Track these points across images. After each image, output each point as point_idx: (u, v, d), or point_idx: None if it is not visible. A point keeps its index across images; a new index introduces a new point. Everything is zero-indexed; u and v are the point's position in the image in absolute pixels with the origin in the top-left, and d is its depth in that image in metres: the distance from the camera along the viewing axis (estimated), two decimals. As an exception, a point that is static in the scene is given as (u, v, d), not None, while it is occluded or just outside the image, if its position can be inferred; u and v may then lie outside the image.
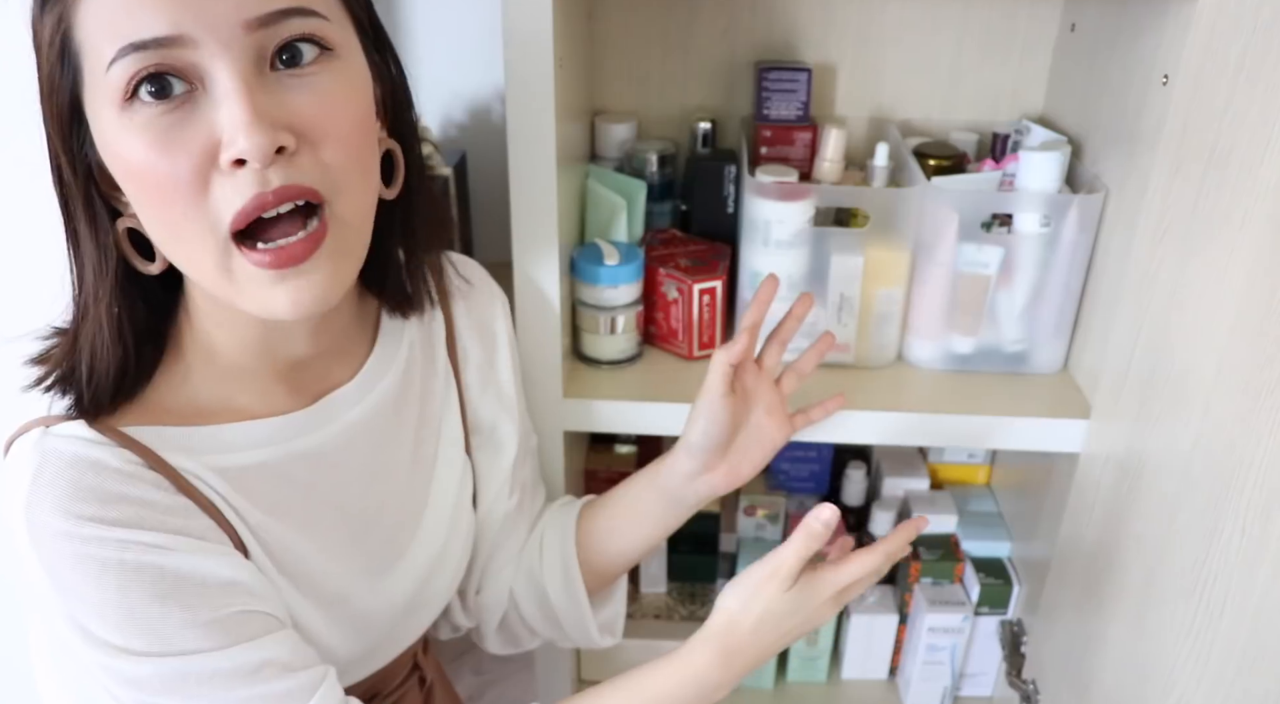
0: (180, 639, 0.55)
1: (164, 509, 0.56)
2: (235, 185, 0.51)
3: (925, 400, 0.91)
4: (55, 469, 0.53)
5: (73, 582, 0.53)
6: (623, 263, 0.90)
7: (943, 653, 1.11)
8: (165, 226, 0.53)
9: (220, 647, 0.56)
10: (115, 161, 0.52)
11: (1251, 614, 0.63)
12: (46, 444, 0.54)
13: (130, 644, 0.54)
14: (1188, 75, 0.73)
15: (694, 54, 1.06)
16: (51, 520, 0.52)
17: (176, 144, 0.50)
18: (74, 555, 0.53)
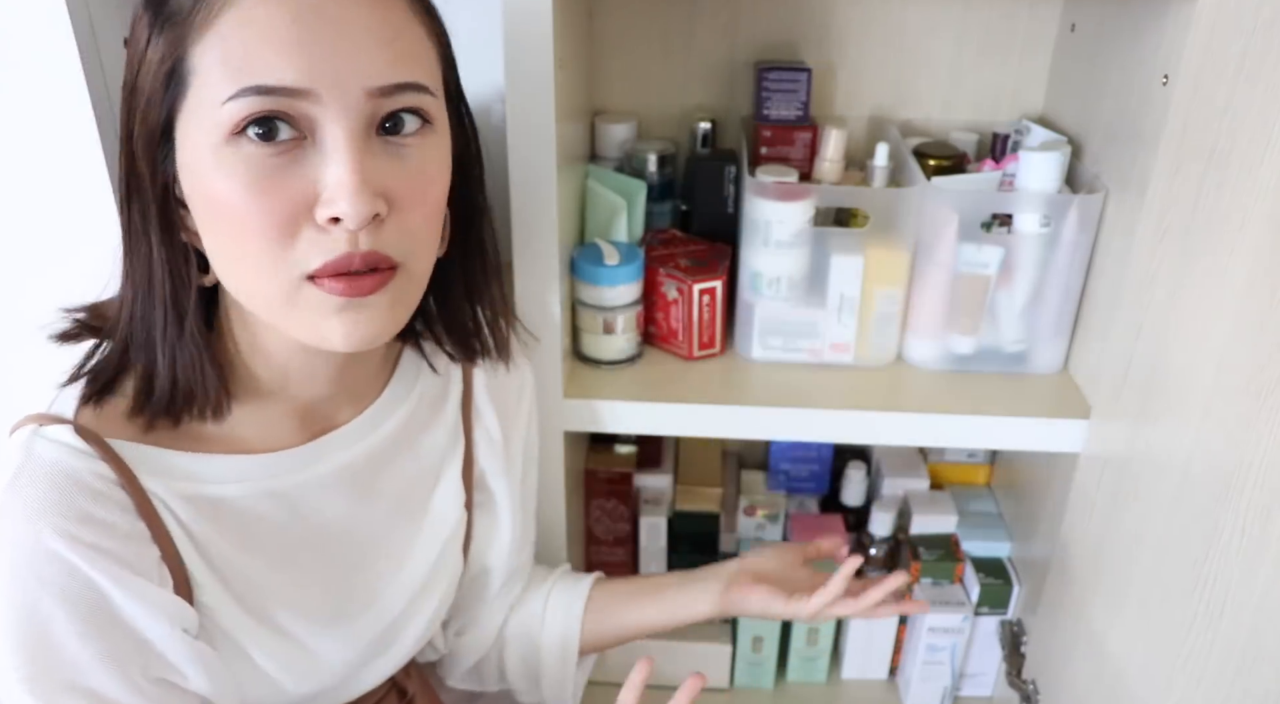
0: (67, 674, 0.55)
1: (123, 535, 0.56)
2: (327, 240, 0.52)
3: (925, 400, 0.91)
4: (32, 473, 0.54)
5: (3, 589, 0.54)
6: (623, 263, 0.90)
7: (943, 653, 1.11)
8: (235, 257, 0.54)
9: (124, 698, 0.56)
10: (202, 189, 0.53)
11: (1251, 614, 0.63)
12: (34, 445, 0.55)
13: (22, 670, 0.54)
14: (1188, 75, 0.73)
15: (694, 54, 1.06)
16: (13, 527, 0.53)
17: (275, 188, 0.51)
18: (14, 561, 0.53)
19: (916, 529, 1.14)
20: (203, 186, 0.53)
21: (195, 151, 0.52)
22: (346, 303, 0.54)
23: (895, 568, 1.16)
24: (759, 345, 0.96)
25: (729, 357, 0.98)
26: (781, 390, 0.92)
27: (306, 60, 0.50)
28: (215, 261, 0.56)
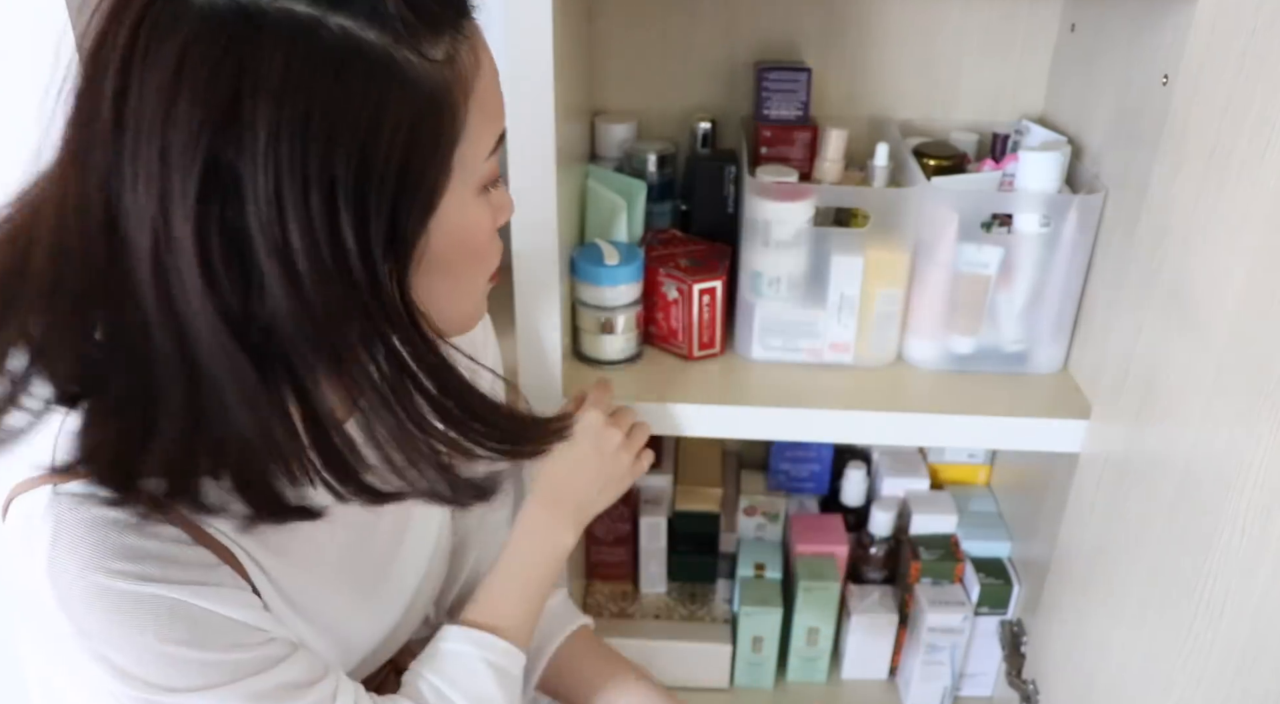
0: (214, 675, 0.56)
1: (185, 562, 0.55)
2: (498, 244, 0.61)
3: (925, 400, 0.91)
4: (75, 531, 0.51)
5: (108, 634, 0.53)
6: (623, 263, 0.90)
7: (942, 653, 1.11)
8: (463, 290, 0.60)
9: (249, 675, 0.57)
10: (457, 242, 0.55)
11: (1251, 614, 0.63)
12: (60, 506, 0.51)
13: (169, 682, 0.55)
14: (1188, 75, 0.73)
15: (694, 54, 1.06)
16: (81, 579, 0.51)
17: (494, 216, 0.58)
18: (107, 610, 0.52)
19: (916, 529, 1.14)
20: (457, 237, 0.55)
21: (449, 208, 0.53)
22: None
23: (895, 568, 1.16)
24: (759, 345, 0.96)
25: (729, 357, 0.98)
26: (781, 390, 0.92)
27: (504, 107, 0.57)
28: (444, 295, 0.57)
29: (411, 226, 0.50)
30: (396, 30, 0.47)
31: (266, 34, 0.44)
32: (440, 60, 0.49)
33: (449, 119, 0.50)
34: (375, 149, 0.47)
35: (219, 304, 0.47)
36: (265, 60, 0.44)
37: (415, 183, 0.50)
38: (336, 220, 0.46)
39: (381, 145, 0.47)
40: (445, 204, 0.52)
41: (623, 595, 1.22)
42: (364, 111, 0.46)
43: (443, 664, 0.72)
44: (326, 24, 0.45)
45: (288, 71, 0.44)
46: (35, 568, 0.52)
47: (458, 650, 0.72)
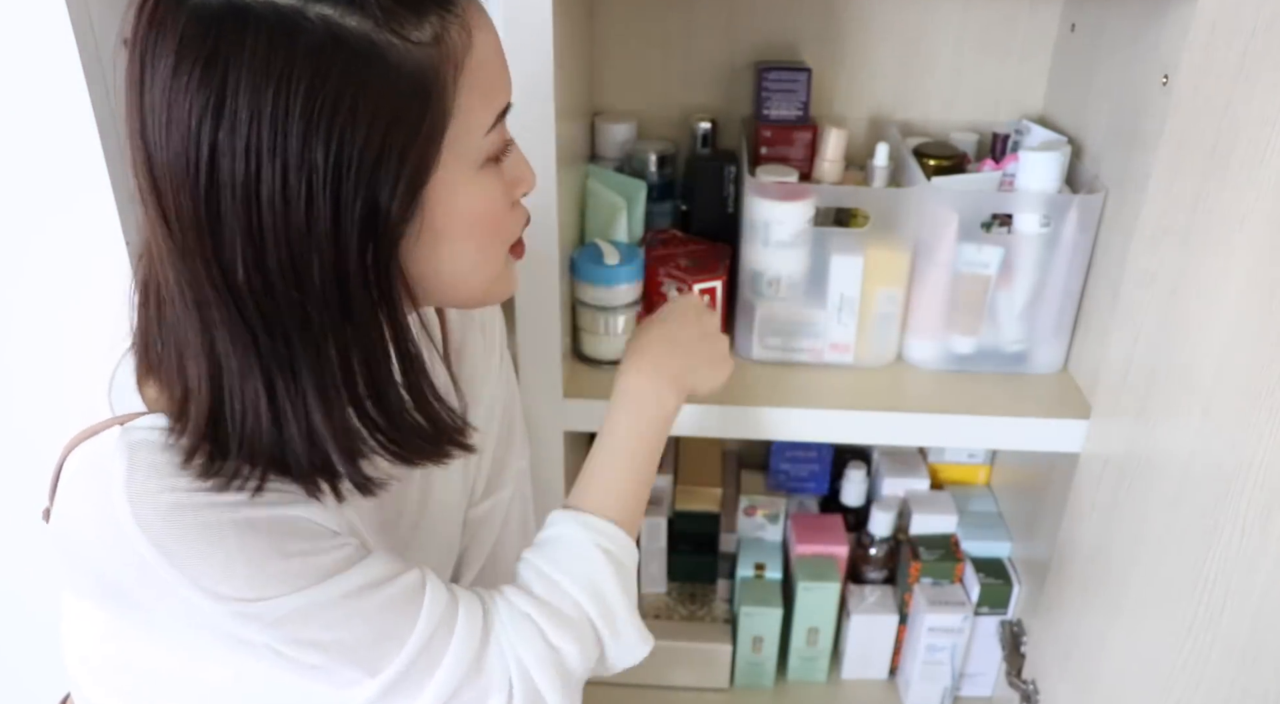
0: (300, 578, 0.56)
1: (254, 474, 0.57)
2: (520, 213, 0.61)
3: (925, 400, 0.91)
4: (149, 456, 0.53)
5: (193, 551, 0.53)
6: (623, 263, 0.90)
7: (943, 653, 1.11)
8: (474, 262, 0.59)
9: (335, 573, 0.58)
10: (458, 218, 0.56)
11: (1251, 614, 0.63)
12: (133, 437, 0.54)
13: (258, 591, 0.55)
14: (1188, 75, 0.73)
15: (694, 54, 1.06)
16: (159, 499, 0.52)
17: (506, 188, 0.59)
18: (189, 526, 0.53)
19: (916, 529, 1.14)
20: (455, 211, 0.55)
21: (446, 185, 0.54)
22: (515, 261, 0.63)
23: (895, 568, 1.16)
24: (759, 345, 0.96)
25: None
26: (781, 390, 0.92)
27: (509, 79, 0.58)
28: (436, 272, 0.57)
29: (395, 209, 0.51)
30: (376, 15, 0.48)
31: (250, 27, 0.46)
32: (426, 42, 0.50)
33: (436, 100, 0.51)
34: (353, 135, 0.49)
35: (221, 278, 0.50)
36: (248, 52, 0.46)
37: (397, 166, 0.51)
38: (313, 208, 0.49)
39: (359, 131, 0.49)
40: (439, 182, 0.53)
41: (623, 595, 1.22)
42: (342, 99, 0.48)
43: (551, 550, 0.68)
44: (307, 14, 0.47)
45: (268, 63, 0.47)
46: (111, 499, 0.52)
47: (566, 535, 0.69)
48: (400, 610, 0.59)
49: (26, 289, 0.82)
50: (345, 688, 0.58)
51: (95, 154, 0.74)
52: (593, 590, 0.67)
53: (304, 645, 0.56)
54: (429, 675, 0.59)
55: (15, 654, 1.04)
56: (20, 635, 1.02)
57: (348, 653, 0.57)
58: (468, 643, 0.61)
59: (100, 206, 0.75)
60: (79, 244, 0.77)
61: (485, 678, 0.61)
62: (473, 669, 0.61)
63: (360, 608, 0.58)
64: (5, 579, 1.00)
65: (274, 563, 0.55)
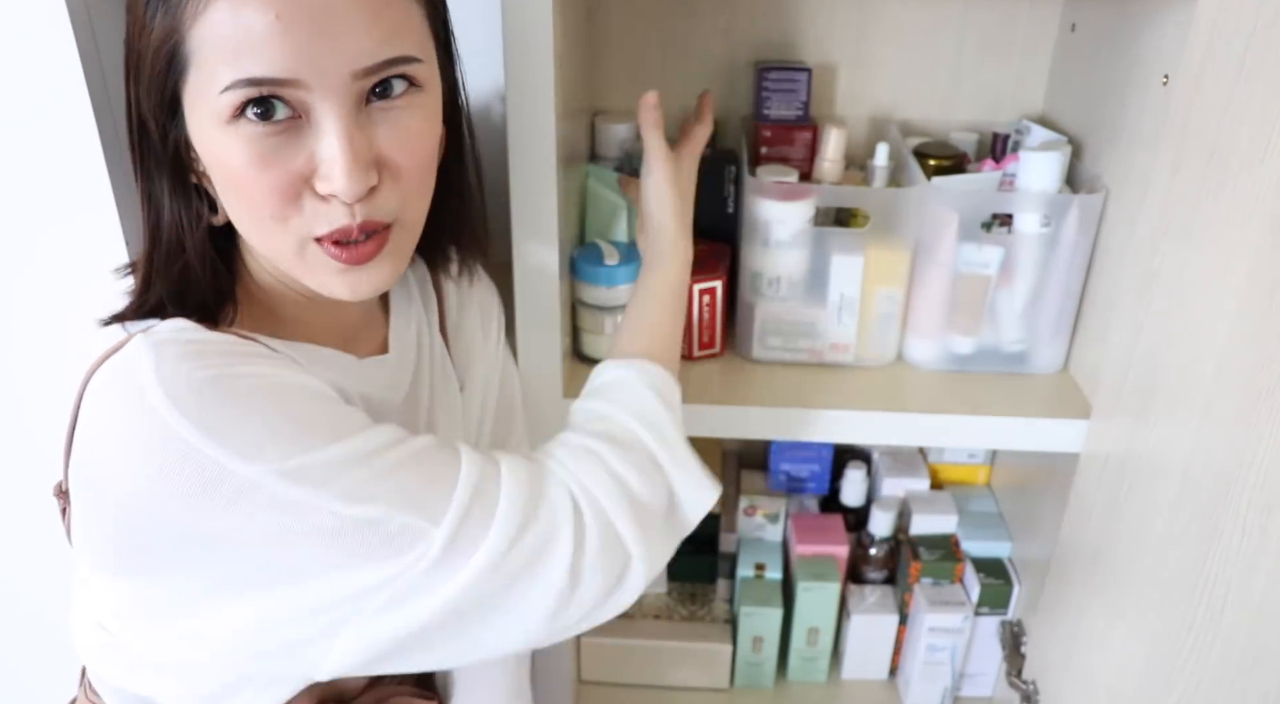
0: (345, 427, 0.57)
1: (276, 356, 0.60)
2: (326, 212, 0.57)
3: (925, 400, 0.91)
4: (175, 349, 0.55)
5: (234, 418, 0.53)
6: (623, 263, 0.90)
7: (943, 653, 1.11)
8: (247, 217, 0.58)
9: (373, 427, 0.58)
10: (212, 157, 0.57)
11: (1251, 614, 0.63)
12: (156, 337, 0.56)
13: (310, 444, 0.55)
14: (1188, 75, 0.73)
15: (694, 54, 1.06)
16: (193, 377, 0.53)
17: (276, 163, 0.55)
18: (224, 396, 0.54)
19: (916, 529, 1.14)
20: (212, 155, 0.56)
21: (202, 125, 0.56)
22: (348, 267, 0.59)
23: (895, 568, 1.16)
24: (759, 345, 0.96)
25: (729, 357, 0.98)
26: (781, 390, 0.92)
27: (293, 50, 0.53)
28: (230, 214, 0.60)
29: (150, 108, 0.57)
30: None
31: None
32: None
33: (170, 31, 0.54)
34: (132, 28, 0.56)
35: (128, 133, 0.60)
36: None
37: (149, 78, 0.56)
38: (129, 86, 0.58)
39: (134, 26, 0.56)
40: (190, 118, 0.56)
41: (623, 595, 1.22)
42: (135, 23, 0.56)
43: (603, 391, 0.71)
44: None
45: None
46: (144, 392, 0.53)
47: (617, 377, 0.71)
48: (440, 458, 0.60)
49: (25, 290, 0.82)
50: (408, 549, 0.56)
51: (95, 155, 0.74)
52: (649, 421, 0.68)
53: (360, 498, 0.55)
54: (490, 514, 0.57)
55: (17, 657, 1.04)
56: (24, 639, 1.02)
57: (405, 498, 0.56)
58: (518, 476, 0.60)
59: (100, 207, 0.75)
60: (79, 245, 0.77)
61: (549, 508, 0.60)
62: (532, 501, 0.59)
63: (403, 455, 0.58)
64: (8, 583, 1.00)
65: (313, 417, 0.56)
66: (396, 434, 0.59)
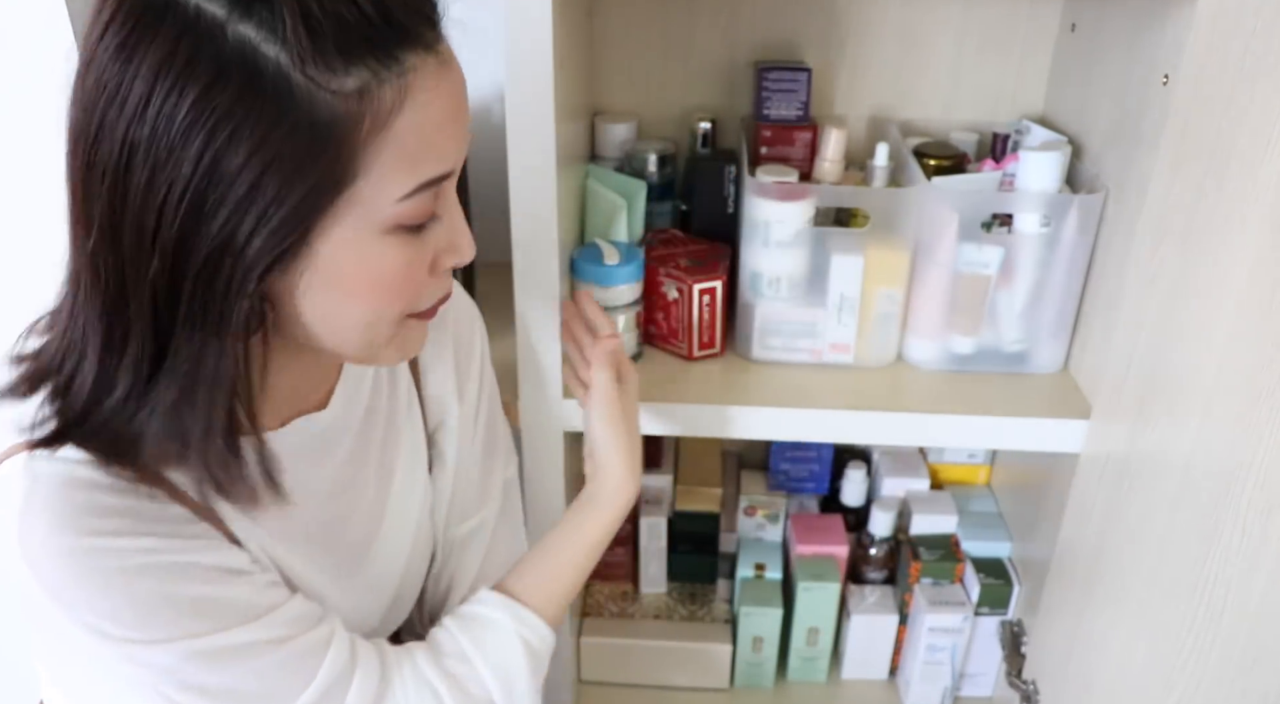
0: (195, 624, 0.56)
1: (157, 516, 0.56)
2: (441, 282, 0.59)
3: (925, 400, 0.91)
4: (46, 492, 0.53)
5: (79, 595, 0.53)
6: (623, 263, 0.90)
7: (943, 653, 1.11)
8: (359, 320, 0.56)
9: (241, 623, 0.57)
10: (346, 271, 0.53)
11: (1251, 614, 0.63)
12: (35, 467, 0.53)
13: (151, 635, 0.55)
14: (1188, 75, 0.73)
15: (694, 54, 1.06)
16: (48, 541, 0.52)
17: (421, 257, 0.56)
18: (75, 570, 0.53)
19: (916, 529, 1.14)
20: (343, 267, 0.53)
21: (339, 240, 0.52)
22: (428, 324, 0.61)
23: (895, 568, 1.16)
24: (759, 345, 0.96)
25: (729, 357, 0.98)
26: (781, 390, 0.92)
27: (463, 140, 0.54)
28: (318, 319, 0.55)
29: (257, 245, 0.49)
30: (295, 52, 0.47)
31: (169, 21, 0.46)
32: (346, 92, 0.48)
33: (337, 154, 0.49)
34: (228, 159, 0.47)
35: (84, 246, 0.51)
36: (158, 42, 0.46)
37: (269, 205, 0.48)
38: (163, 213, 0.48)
39: (236, 157, 0.47)
40: (331, 234, 0.51)
41: (623, 595, 1.22)
42: (228, 118, 0.46)
43: (474, 628, 0.69)
44: (226, 28, 0.46)
45: (171, 59, 0.46)
46: (8, 532, 0.52)
47: (492, 618, 0.70)
48: (295, 670, 0.59)
49: (23, 291, 0.82)
50: None
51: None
52: (505, 679, 0.68)
53: (191, 691, 0.56)
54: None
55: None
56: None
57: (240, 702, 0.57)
58: (365, 695, 0.62)
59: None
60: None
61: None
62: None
63: (255, 664, 0.58)
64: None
65: (165, 609, 0.55)
66: (270, 631, 0.58)
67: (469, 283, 1.11)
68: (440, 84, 0.52)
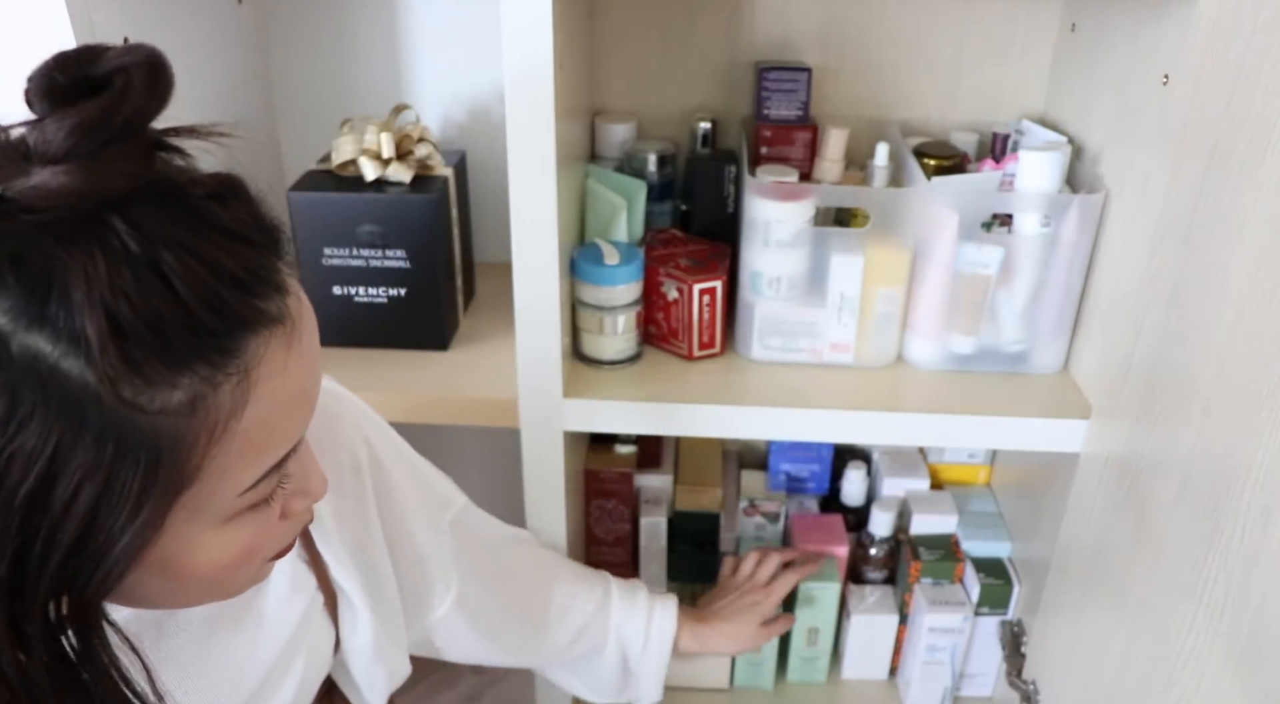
0: None
1: None
2: (294, 523, 0.52)
3: (925, 400, 0.91)
4: None
5: None
6: (623, 263, 0.90)
7: (943, 653, 1.11)
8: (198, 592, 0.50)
9: None
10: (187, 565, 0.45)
11: (1251, 614, 0.63)
12: None
13: None
14: (1188, 75, 0.73)
15: (694, 54, 1.06)
16: None
17: (270, 519, 0.48)
18: None
19: (916, 529, 1.14)
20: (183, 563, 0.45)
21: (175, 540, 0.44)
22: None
23: (895, 568, 1.16)
24: (759, 345, 0.96)
25: (729, 357, 0.98)
26: (781, 390, 0.92)
27: (313, 408, 0.47)
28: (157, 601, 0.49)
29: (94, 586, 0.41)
30: (102, 370, 0.37)
31: None
32: (173, 408, 0.39)
33: (169, 469, 0.40)
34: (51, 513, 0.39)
35: None
36: None
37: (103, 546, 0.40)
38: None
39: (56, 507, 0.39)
40: (165, 539, 0.43)
41: (623, 595, 1.22)
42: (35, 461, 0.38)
43: None
44: (10, 342, 0.37)
45: None
46: None
47: None
48: None
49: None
50: None
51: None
52: None
53: None
54: None
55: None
56: None
57: None
58: None
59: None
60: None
61: None
62: None
63: None
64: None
65: None
66: None
67: (469, 283, 1.11)
68: (290, 360, 0.43)
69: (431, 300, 0.99)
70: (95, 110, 0.38)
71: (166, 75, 0.41)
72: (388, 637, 0.72)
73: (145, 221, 0.39)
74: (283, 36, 1.10)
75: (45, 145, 0.38)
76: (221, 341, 0.40)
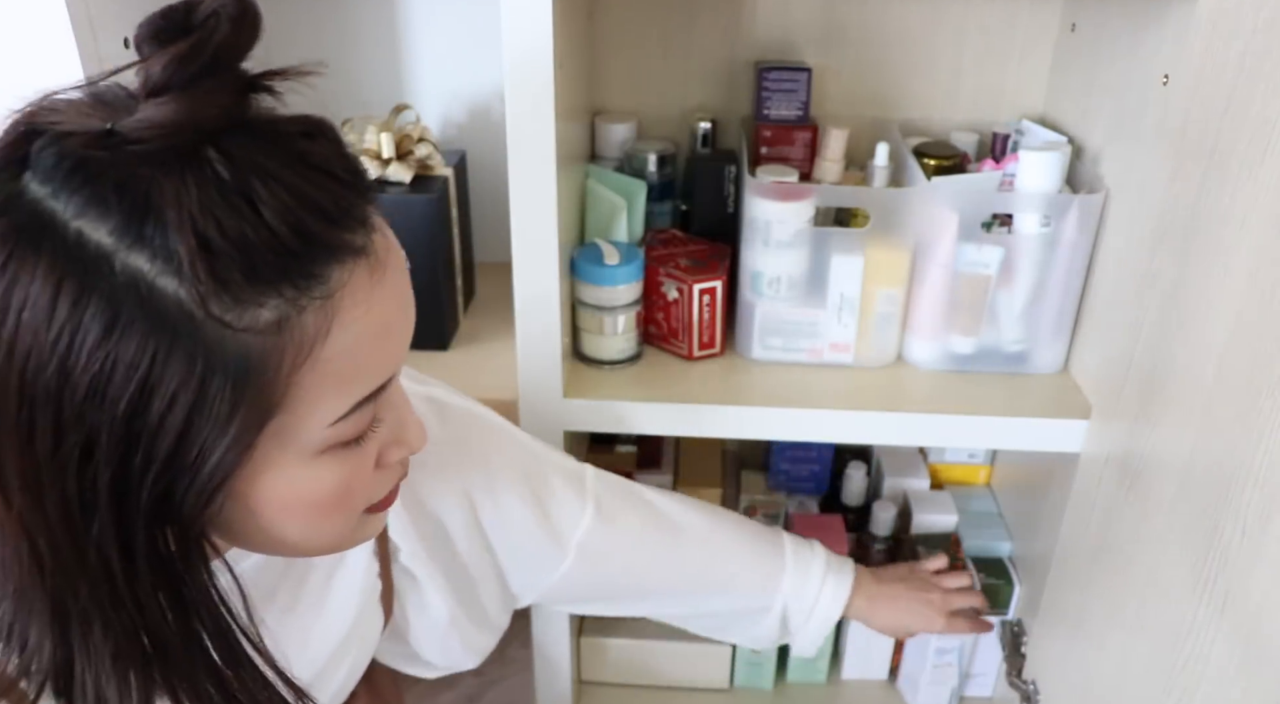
0: None
1: None
2: (391, 474, 0.53)
3: (925, 400, 0.91)
4: None
5: None
6: (623, 263, 0.90)
7: (950, 655, 1.11)
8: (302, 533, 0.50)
9: None
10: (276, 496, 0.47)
11: (1251, 614, 0.63)
12: None
13: None
14: (1188, 75, 0.73)
15: (694, 54, 1.06)
16: None
17: (364, 468, 0.50)
18: None
19: (916, 529, 1.14)
20: (272, 495, 0.47)
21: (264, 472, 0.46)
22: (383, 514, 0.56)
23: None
24: (759, 345, 0.96)
25: (729, 357, 0.98)
26: (781, 390, 0.92)
27: (403, 348, 0.49)
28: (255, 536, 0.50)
29: (190, 502, 0.44)
30: (196, 288, 0.40)
31: (44, 259, 0.40)
32: (260, 327, 0.41)
33: (256, 392, 0.42)
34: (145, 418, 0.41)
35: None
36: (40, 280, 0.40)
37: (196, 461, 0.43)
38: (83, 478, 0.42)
39: (153, 416, 0.41)
40: (254, 467, 0.45)
41: (623, 595, 1.22)
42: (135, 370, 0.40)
43: None
44: (113, 260, 0.39)
45: (55, 299, 0.40)
46: None
47: None
48: None
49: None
50: None
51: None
52: None
53: None
54: None
55: None
56: None
57: None
58: None
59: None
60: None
61: None
62: None
63: None
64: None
65: None
66: None
67: (469, 283, 1.11)
68: (374, 292, 0.45)
69: (431, 300, 0.99)
70: (188, 45, 0.41)
71: (254, 15, 0.44)
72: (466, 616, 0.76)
73: (237, 152, 0.42)
74: (283, 36, 1.11)
75: (148, 80, 0.41)
76: (306, 266, 0.42)
